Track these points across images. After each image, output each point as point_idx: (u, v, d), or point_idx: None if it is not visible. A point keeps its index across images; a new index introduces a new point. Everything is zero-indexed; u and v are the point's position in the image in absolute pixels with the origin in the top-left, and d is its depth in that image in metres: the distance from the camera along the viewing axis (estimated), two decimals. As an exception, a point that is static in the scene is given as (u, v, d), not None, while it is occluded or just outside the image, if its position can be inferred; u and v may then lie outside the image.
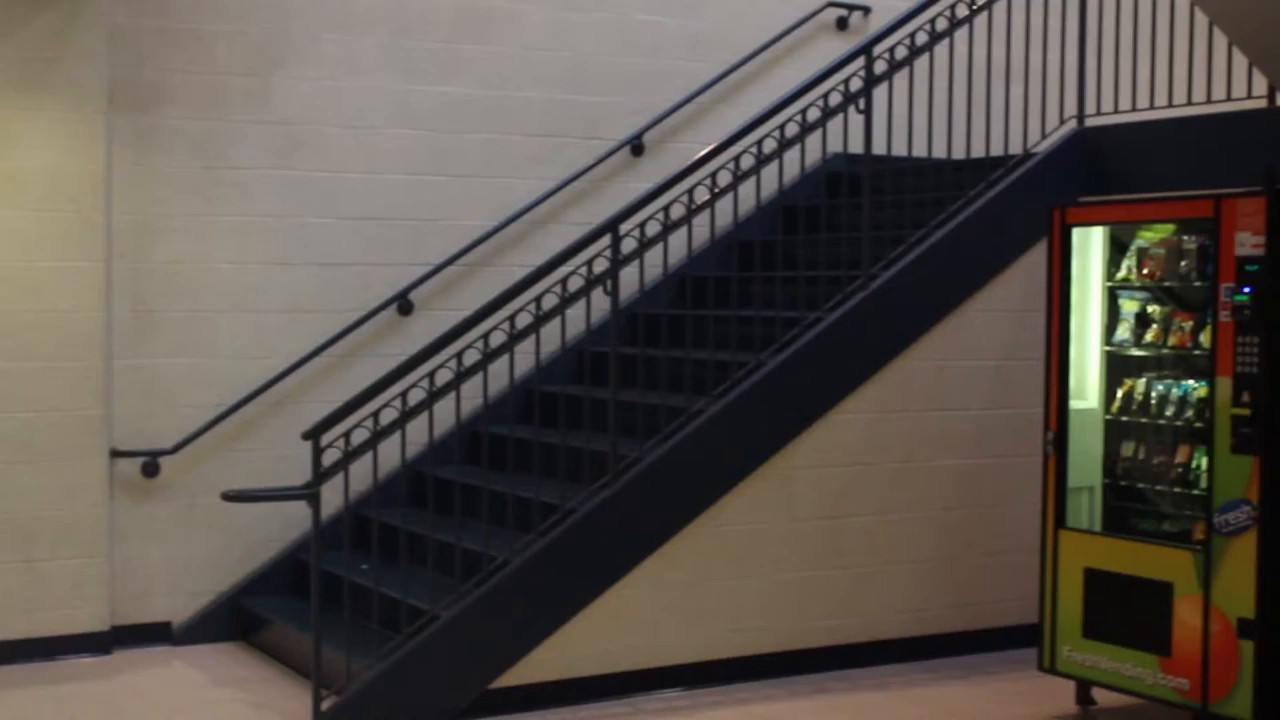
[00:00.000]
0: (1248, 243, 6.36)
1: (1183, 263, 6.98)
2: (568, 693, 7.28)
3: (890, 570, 8.07)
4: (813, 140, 8.13)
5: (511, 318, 7.25)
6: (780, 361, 7.67)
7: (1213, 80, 8.06)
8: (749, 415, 7.62)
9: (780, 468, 7.71)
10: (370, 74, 8.83)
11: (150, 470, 8.31)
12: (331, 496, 7.04)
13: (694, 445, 7.48)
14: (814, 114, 8.01)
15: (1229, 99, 7.99)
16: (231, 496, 7.11)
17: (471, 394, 7.37)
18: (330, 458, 6.86)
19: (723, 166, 7.82)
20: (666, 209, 7.62)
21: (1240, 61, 7.83)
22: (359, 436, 6.92)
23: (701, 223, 7.94)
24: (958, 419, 8.18)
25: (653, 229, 7.59)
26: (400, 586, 7.18)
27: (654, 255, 7.71)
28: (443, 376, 7.12)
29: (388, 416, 7.03)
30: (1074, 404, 7.28)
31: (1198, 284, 6.88)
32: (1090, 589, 7.01)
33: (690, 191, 7.71)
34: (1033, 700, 7.41)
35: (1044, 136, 8.53)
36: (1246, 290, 6.36)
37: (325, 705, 6.85)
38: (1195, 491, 6.82)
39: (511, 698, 7.16)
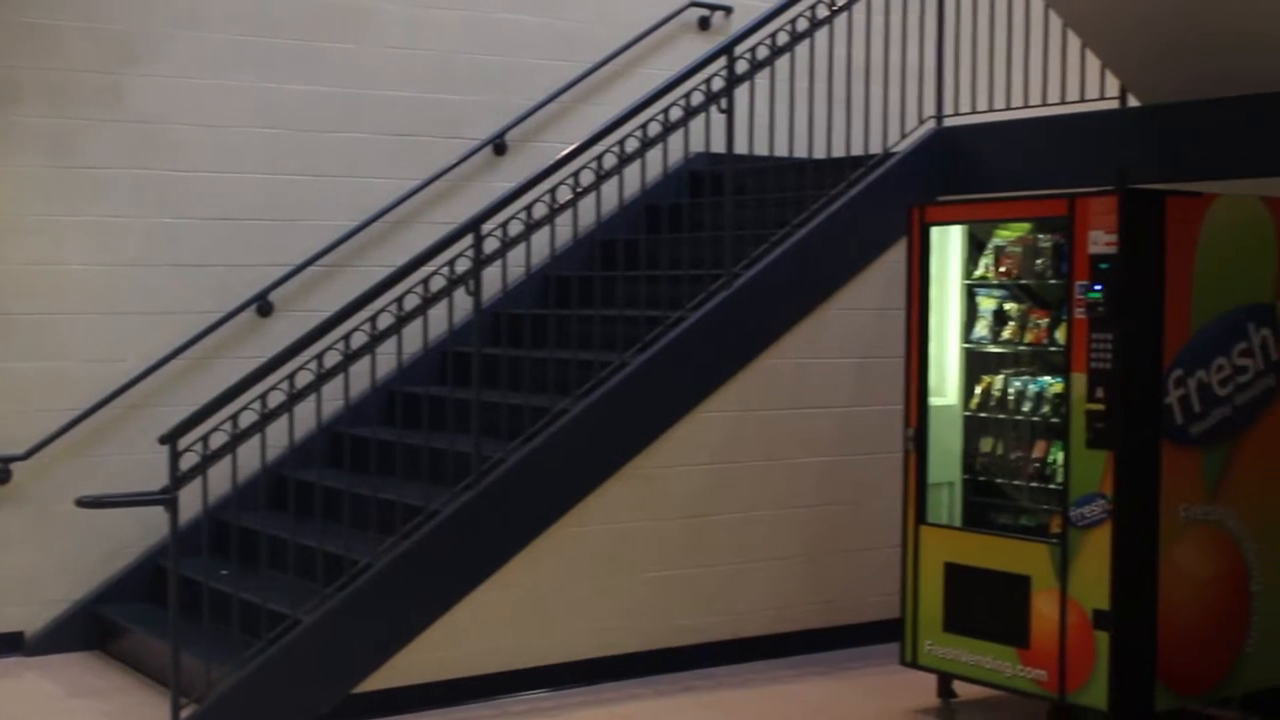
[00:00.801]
0: (1101, 241, 6.46)
1: (1038, 261, 7.08)
2: (433, 696, 7.22)
3: (754, 568, 8.10)
4: (675, 139, 8.13)
5: (373, 318, 7.19)
6: (643, 361, 7.67)
7: (1067, 81, 8.19)
8: (613, 415, 7.61)
9: (644, 467, 7.71)
10: (228, 72, 8.69)
11: (1, 476, 8.12)
12: (190, 501, 6.91)
13: (558, 446, 7.46)
14: (676, 113, 8.02)
15: (1082, 100, 8.13)
16: (87, 502, 6.96)
17: (333, 396, 7.28)
18: (188, 461, 6.75)
19: (586, 166, 7.81)
20: (529, 208, 7.60)
21: (1094, 63, 7.96)
22: (218, 440, 6.81)
23: (564, 222, 7.94)
24: (820, 417, 8.24)
25: (515, 228, 7.55)
26: (260, 592, 7.08)
27: (517, 255, 7.69)
28: (303, 378, 7.03)
29: (247, 419, 6.92)
30: (934, 401, 7.36)
31: (1053, 281, 6.98)
32: (950, 583, 7.09)
33: (553, 191, 7.69)
34: (895, 694, 7.48)
35: (903, 136, 8.63)
36: (1100, 288, 6.45)
37: (185, 714, 6.73)
38: (1052, 486, 6.91)
39: (375, 702, 7.09)
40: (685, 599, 7.91)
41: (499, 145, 9.40)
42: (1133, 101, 7.91)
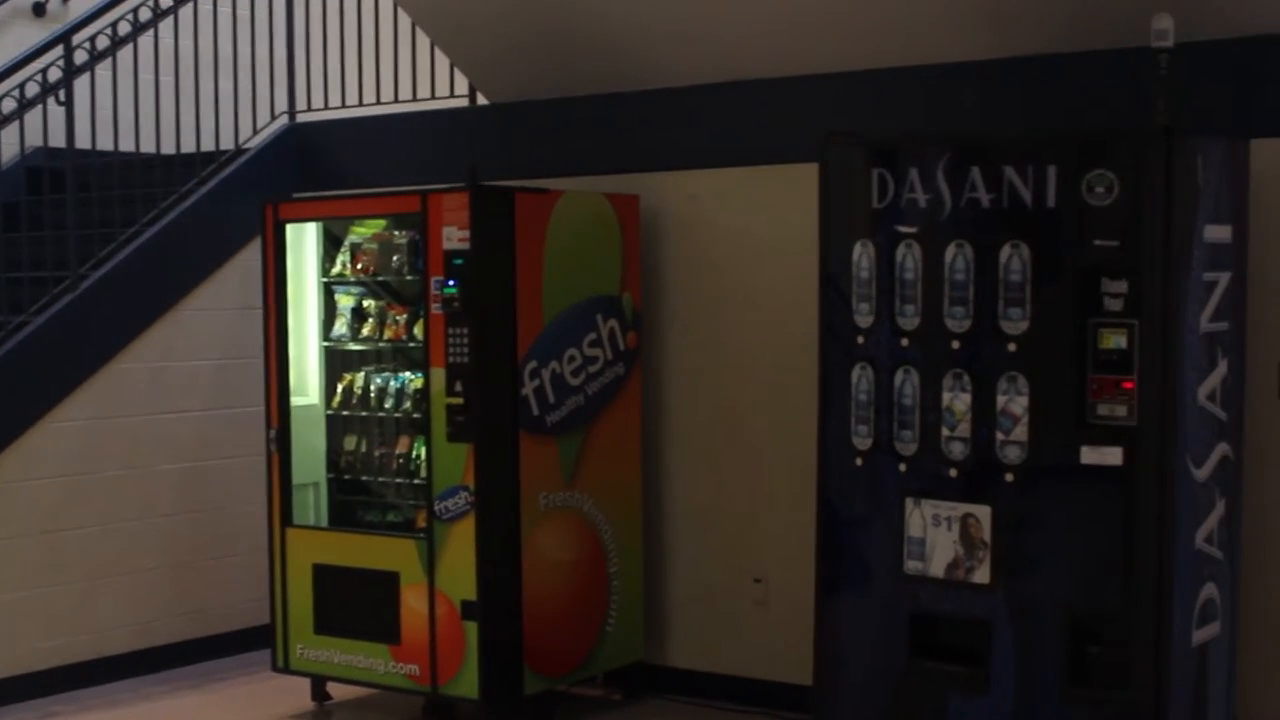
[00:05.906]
0: (454, 237, 6.55)
1: (395, 257, 7.12)
2: None
3: (115, 583, 7.77)
4: (10, 134, 7.77)
5: None
6: (-18, 370, 7.24)
7: (419, 79, 8.28)
8: (-50, 430, 7.14)
9: (-11, 482, 7.28)
10: None
11: None
12: None
13: (-112, 466, 6.93)
14: (10, 105, 7.62)
15: (434, 97, 8.25)
16: None
17: None
18: None
19: (-92, 161, 7.29)
20: None
21: (445, 61, 8.08)
22: None
23: (-114, 223, 7.36)
24: (179, 421, 7.99)
25: None
26: None
27: None
28: None
29: None
30: (296, 400, 7.27)
31: (410, 277, 7.04)
32: (320, 585, 7.03)
33: None
34: (268, 702, 7.35)
35: (255, 132, 8.50)
36: (454, 283, 6.54)
37: None
38: (417, 481, 6.98)
39: None
40: (42, 620, 7.49)
41: None
42: (482, 99, 8.08)
